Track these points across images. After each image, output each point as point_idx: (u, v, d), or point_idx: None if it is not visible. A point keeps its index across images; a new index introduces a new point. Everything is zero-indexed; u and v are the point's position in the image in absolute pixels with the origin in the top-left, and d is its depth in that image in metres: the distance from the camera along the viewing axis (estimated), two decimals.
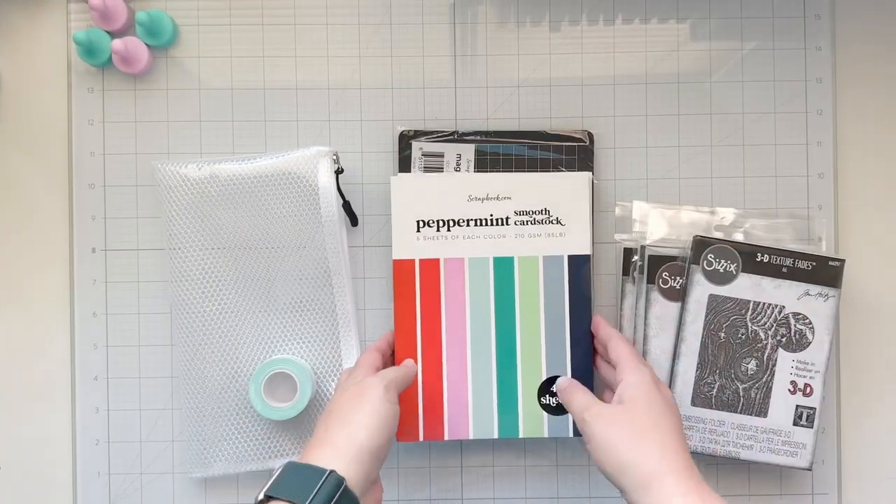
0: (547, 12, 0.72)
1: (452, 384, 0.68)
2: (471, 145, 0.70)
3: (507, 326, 0.68)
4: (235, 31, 0.72)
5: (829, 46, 0.72)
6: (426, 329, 0.68)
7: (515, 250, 0.69)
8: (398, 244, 0.69)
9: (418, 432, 0.68)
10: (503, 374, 0.68)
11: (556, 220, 0.68)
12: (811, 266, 0.67)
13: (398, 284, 0.68)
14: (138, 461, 0.71)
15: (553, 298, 0.68)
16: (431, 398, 0.68)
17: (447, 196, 0.69)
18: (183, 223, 0.68)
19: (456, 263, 0.68)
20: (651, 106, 0.72)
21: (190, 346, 0.69)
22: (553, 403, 0.68)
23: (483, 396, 0.68)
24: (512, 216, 0.69)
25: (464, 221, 0.69)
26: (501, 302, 0.68)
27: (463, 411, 0.68)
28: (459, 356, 0.68)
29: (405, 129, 0.70)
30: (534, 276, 0.68)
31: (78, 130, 0.72)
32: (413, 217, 0.68)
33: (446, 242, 0.68)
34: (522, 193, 0.69)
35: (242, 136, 0.71)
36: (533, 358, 0.68)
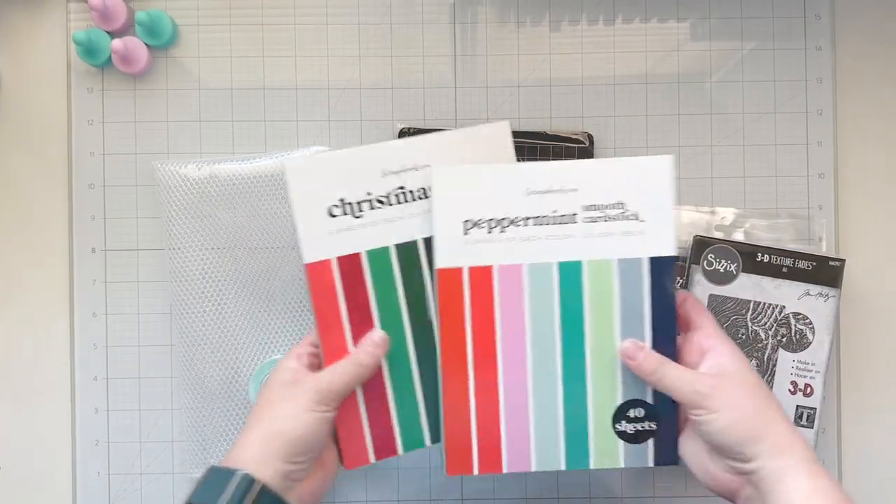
0: (547, 12, 0.72)
1: (511, 410, 0.59)
2: None
3: (576, 343, 0.59)
4: (235, 31, 0.72)
5: (829, 46, 0.72)
6: (478, 349, 0.59)
7: (585, 253, 0.58)
8: (442, 250, 0.58)
9: (472, 465, 0.59)
10: (571, 399, 0.59)
11: (634, 215, 0.58)
12: (811, 266, 0.67)
13: (443, 298, 0.58)
14: (138, 461, 0.71)
15: (630, 309, 0.58)
16: (486, 427, 0.59)
17: (501, 190, 0.58)
18: (183, 223, 0.68)
19: (512, 271, 0.58)
20: (651, 106, 0.72)
21: (190, 346, 0.69)
22: (631, 430, 0.59)
23: (547, 424, 0.59)
24: (580, 212, 0.58)
25: (521, 220, 0.58)
26: (568, 313, 0.58)
27: (524, 441, 0.59)
28: (518, 379, 0.59)
29: (405, 127, 0.70)
30: (607, 283, 0.58)
31: (77, 130, 0.71)
32: (460, 216, 0.58)
33: (500, 246, 0.58)
34: (591, 184, 0.58)
35: (242, 136, 0.71)
36: (607, 379, 0.59)
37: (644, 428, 0.59)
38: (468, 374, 0.59)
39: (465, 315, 0.59)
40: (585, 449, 0.59)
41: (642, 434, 0.59)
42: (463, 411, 0.59)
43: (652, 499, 0.71)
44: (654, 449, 0.59)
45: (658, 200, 0.58)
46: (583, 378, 0.59)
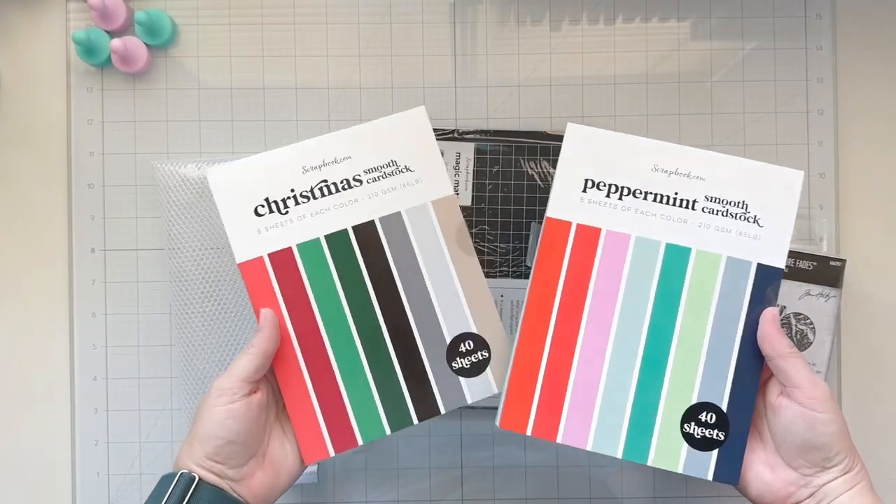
0: (547, 12, 0.72)
1: (582, 378, 0.57)
2: (470, 144, 0.70)
3: (664, 329, 0.57)
4: (235, 31, 0.72)
5: (829, 46, 0.72)
6: (565, 307, 0.57)
7: (696, 241, 0.57)
8: (557, 201, 0.58)
9: (527, 423, 0.56)
10: (645, 384, 0.56)
11: (754, 218, 0.57)
12: (812, 266, 0.67)
13: (545, 247, 0.57)
14: (137, 462, 0.71)
15: (727, 310, 0.57)
16: (553, 387, 0.57)
17: (628, 159, 0.58)
18: (182, 223, 0.68)
19: (619, 239, 0.57)
20: (651, 106, 0.72)
21: (189, 346, 0.69)
22: (698, 435, 0.56)
23: (615, 404, 0.56)
24: (701, 201, 0.57)
25: (640, 193, 0.57)
26: (664, 298, 0.57)
27: (587, 414, 0.56)
28: (597, 348, 0.57)
29: None
30: (710, 278, 0.57)
31: (77, 130, 0.71)
32: (581, 174, 0.58)
33: (614, 212, 0.57)
34: (720, 177, 0.57)
35: (242, 136, 0.71)
36: (686, 374, 0.56)
37: (712, 436, 0.56)
38: (548, 328, 0.57)
39: (562, 271, 0.57)
40: (647, 442, 0.56)
41: (709, 442, 0.56)
42: (533, 365, 0.57)
43: (652, 499, 0.71)
44: (717, 462, 0.56)
45: (781, 210, 0.57)
46: (663, 366, 0.57)
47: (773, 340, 0.56)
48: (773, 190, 0.57)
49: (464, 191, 0.70)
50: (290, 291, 0.58)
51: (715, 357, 0.57)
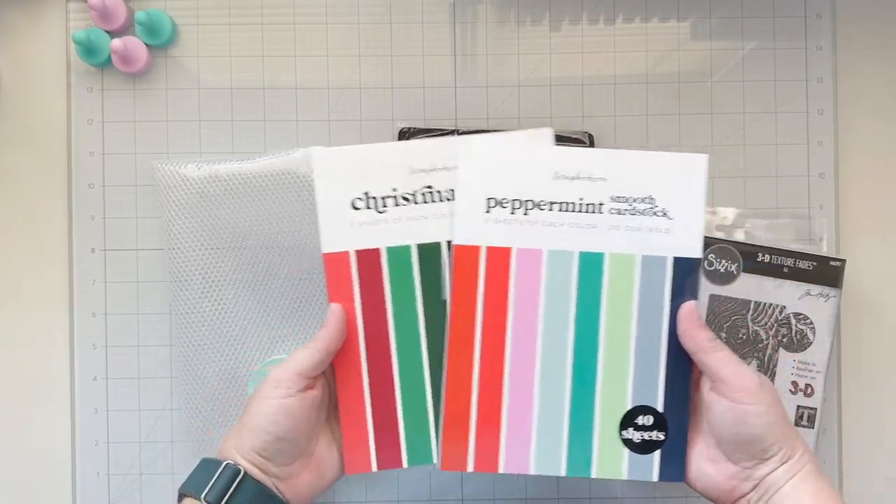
0: (547, 12, 0.72)
1: (514, 405, 0.56)
2: None
3: (590, 338, 0.56)
4: (235, 31, 0.71)
5: (830, 46, 0.72)
6: (487, 335, 0.56)
7: (608, 245, 0.56)
8: (461, 226, 0.56)
9: (467, 461, 0.56)
10: (579, 399, 0.56)
11: (663, 211, 0.56)
12: (812, 266, 0.67)
13: (458, 275, 0.56)
14: (137, 462, 0.71)
15: (649, 309, 0.56)
16: (487, 420, 0.56)
17: (528, 171, 0.56)
18: (182, 223, 0.68)
19: (532, 255, 0.56)
20: (651, 106, 0.72)
21: (189, 347, 0.69)
22: (637, 439, 0.56)
23: (552, 423, 0.56)
24: (607, 202, 0.56)
25: (546, 204, 0.56)
26: (584, 308, 0.56)
27: (525, 439, 0.56)
28: (526, 371, 0.56)
29: (405, 127, 0.70)
30: (628, 280, 0.56)
31: (77, 130, 0.71)
32: (483, 193, 0.56)
33: (522, 228, 0.56)
34: (622, 175, 0.56)
35: (242, 136, 0.71)
36: (617, 381, 0.56)
37: (652, 438, 0.56)
38: (473, 359, 0.56)
39: (478, 298, 0.56)
40: (589, 455, 0.56)
41: (649, 444, 0.56)
42: (464, 400, 0.56)
43: (652, 499, 0.71)
44: (661, 462, 0.56)
45: (689, 199, 0.56)
46: (593, 376, 0.56)
47: (692, 335, 0.55)
48: (677, 179, 0.56)
49: None
50: (369, 292, 0.57)
51: (644, 359, 0.56)
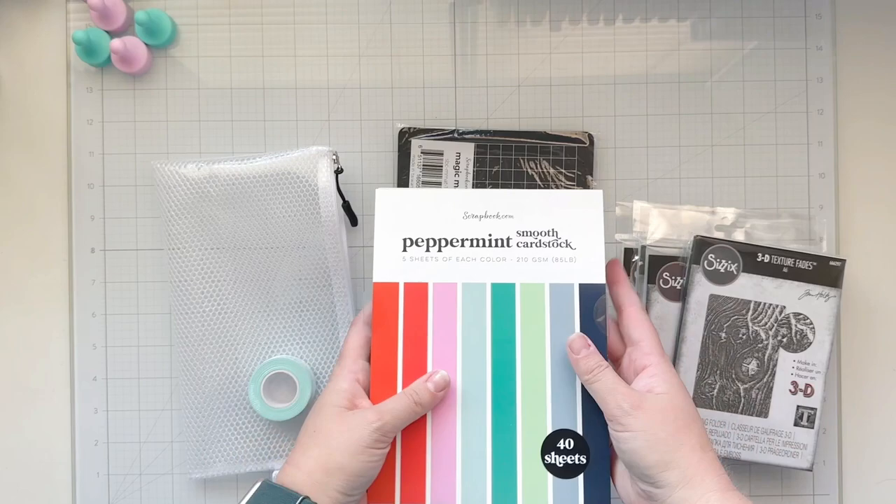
0: (547, 12, 0.72)
1: (438, 440, 0.58)
2: (470, 144, 0.70)
3: (506, 367, 0.58)
4: (235, 31, 0.71)
5: (829, 46, 0.72)
6: (408, 368, 0.58)
7: (517, 276, 0.59)
8: (380, 265, 0.60)
9: (394, 496, 0.57)
10: (500, 427, 0.58)
11: (566, 242, 0.60)
12: (812, 266, 0.67)
13: (378, 312, 0.59)
14: (137, 462, 0.71)
15: (560, 334, 0.58)
16: (412, 456, 0.58)
17: (439, 212, 0.61)
18: (182, 223, 0.68)
19: (447, 289, 0.59)
20: (651, 106, 0.72)
21: (189, 347, 0.69)
22: (560, 463, 0.57)
23: (475, 457, 0.57)
24: (514, 237, 0.60)
25: (458, 241, 0.60)
26: (499, 337, 0.59)
27: (450, 476, 0.57)
28: (447, 405, 0.58)
29: (405, 127, 0.70)
30: (539, 307, 0.59)
31: (77, 130, 0.71)
32: (399, 234, 0.60)
33: (437, 265, 0.60)
34: (526, 212, 0.60)
35: (242, 136, 0.71)
36: (536, 407, 0.58)
37: (574, 461, 0.57)
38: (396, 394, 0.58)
39: (398, 333, 0.59)
40: (514, 487, 0.57)
41: (572, 468, 0.57)
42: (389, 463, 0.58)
43: None
44: (584, 486, 0.57)
45: (589, 231, 0.60)
46: (513, 404, 0.58)
47: (575, 366, 0.57)
48: (577, 212, 0.60)
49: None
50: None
51: (560, 383, 0.58)
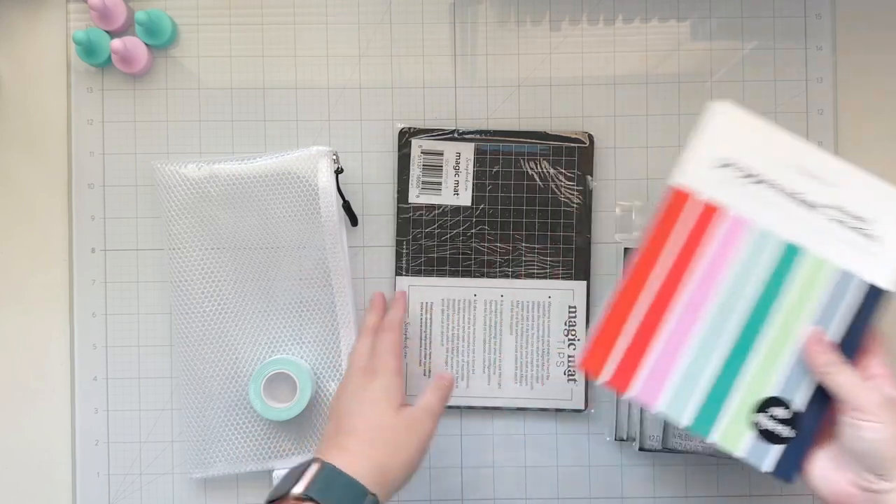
0: (547, 12, 0.72)
1: (668, 343, 0.58)
2: (471, 144, 0.70)
3: (760, 318, 0.57)
4: (235, 31, 0.71)
5: (829, 46, 0.71)
6: (670, 272, 0.58)
7: (813, 245, 0.57)
8: (688, 168, 0.59)
9: (602, 370, 0.58)
10: (728, 364, 0.57)
11: (878, 238, 0.57)
12: None
13: (667, 211, 0.59)
14: (138, 461, 0.71)
15: (827, 318, 0.57)
16: (638, 344, 0.58)
17: (771, 149, 0.58)
18: (182, 223, 0.68)
19: (741, 223, 0.58)
20: (651, 106, 0.71)
21: (189, 347, 0.69)
22: (764, 427, 0.57)
23: (694, 375, 0.57)
24: (829, 207, 0.58)
25: (775, 185, 0.58)
26: (769, 288, 0.57)
27: (664, 377, 0.57)
28: (690, 318, 0.58)
29: (405, 127, 0.70)
30: (819, 283, 0.57)
31: (77, 130, 0.71)
32: (722, 151, 0.59)
33: (745, 193, 0.58)
34: (855, 190, 0.58)
35: (242, 136, 0.71)
36: (769, 367, 0.57)
37: (778, 431, 0.57)
38: (647, 287, 0.58)
39: (676, 237, 0.58)
40: (715, 419, 0.57)
41: (774, 437, 0.57)
42: (623, 316, 0.58)
43: (652, 499, 0.71)
44: (778, 457, 0.56)
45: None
46: (747, 352, 0.57)
47: (811, 360, 0.56)
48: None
49: (464, 191, 0.70)
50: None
51: (801, 361, 0.57)
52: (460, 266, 0.70)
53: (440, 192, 0.70)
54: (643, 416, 0.69)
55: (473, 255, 0.70)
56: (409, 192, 0.70)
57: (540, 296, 0.70)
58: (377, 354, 0.63)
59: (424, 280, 0.70)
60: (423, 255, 0.70)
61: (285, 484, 0.54)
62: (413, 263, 0.70)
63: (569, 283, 0.70)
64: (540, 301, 0.70)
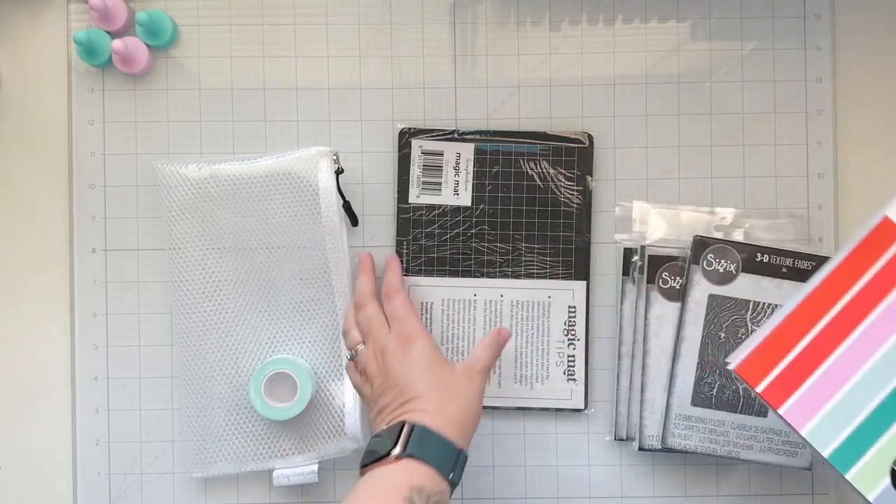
0: (547, 12, 0.71)
1: (834, 370, 0.56)
2: (470, 144, 0.70)
3: None
4: (235, 31, 0.71)
5: (829, 46, 0.71)
6: (857, 299, 0.57)
7: None
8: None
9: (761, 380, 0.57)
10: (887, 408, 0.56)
11: None
12: (811, 266, 0.66)
13: (870, 239, 0.57)
14: (138, 461, 0.70)
15: None
16: (804, 363, 0.57)
17: None
18: (183, 223, 0.68)
19: None
20: (651, 106, 0.71)
21: (190, 346, 0.68)
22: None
23: (850, 409, 0.56)
24: None
25: None
26: None
27: (820, 403, 0.56)
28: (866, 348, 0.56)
29: (405, 127, 0.70)
30: None
31: (78, 130, 0.71)
32: None
33: None
34: None
35: (242, 136, 0.71)
36: None
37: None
38: (830, 309, 0.57)
39: (873, 268, 0.57)
40: (857, 457, 0.56)
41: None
42: (798, 333, 0.57)
43: (652, 499, 0.70)
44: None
45: None
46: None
47: None
48: None
49: (464, 191, 0.70)
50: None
51: None
52: (460, 266, 0.70)
53: (440, 193, 0.70)
54: (643, 415, 0.68)
55: (473, 255, 0.70)
56: (409, 192, 0.70)
57: (540, 296, 0.70)
58: (400, 320, 0.63)
59: (424, 280, 0.70)
60: (424, 254, 0.70)
61: (381, 445, 0.56)
62: (413, 263, 0.70)
63: (569, 283, 0.70)
64: (540, 301, 0.70)
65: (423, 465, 0.55)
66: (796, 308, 0.58)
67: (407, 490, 0.53)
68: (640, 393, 0.68)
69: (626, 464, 0.70)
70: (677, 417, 0.67)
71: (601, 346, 0.71)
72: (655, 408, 0.68)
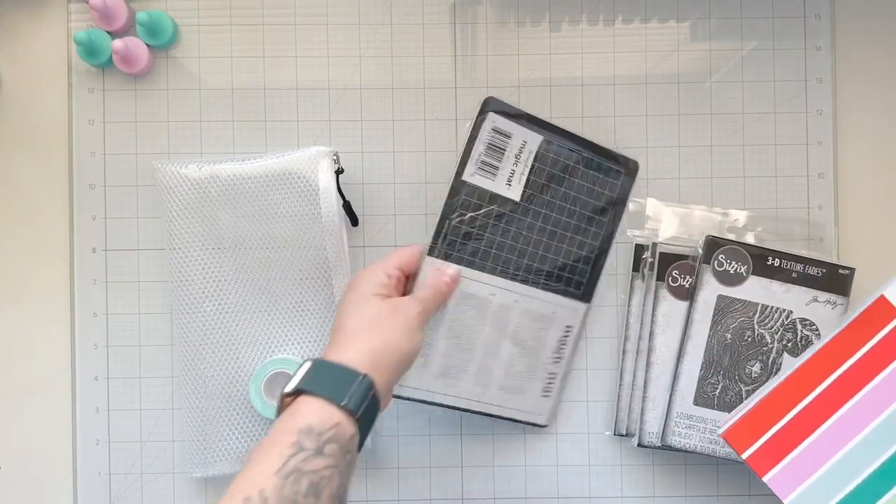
0: (547, 12, 0.69)
1: (819, 445, 0.57)
2: (538, 136, 0.65)
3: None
4: (235, 31, 0.69)
5: (829, 46, 0.69)
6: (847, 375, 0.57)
7: None
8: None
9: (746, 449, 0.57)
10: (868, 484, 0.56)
11: None
12: (821, 273, 0.64)
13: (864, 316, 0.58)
14: (138, 461, 0.68)
15: None
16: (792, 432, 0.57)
17: None
18: (183, 223, 0.66)
19: None
20: (651, 106, 0.69)
21: (190, 346, 0.66)
22: None
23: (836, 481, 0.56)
24: None
25: None
26: None
27: (803, 475, 0.56)
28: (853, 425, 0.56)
29: (491, 96, 0.64)
30: None
31: (78, 130, 0.69)
32: None
33: None
34: None
35: (243, 137, 0.69)
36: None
37: None
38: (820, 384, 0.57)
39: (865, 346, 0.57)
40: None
41: None
42: (786, 405, 0.57)
43: (652, 498, 0.68)
44: None
45: None
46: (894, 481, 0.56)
47: None
48: None
49: (516, 183, 0.65)
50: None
51: None
52: (489, 261, 0.65)
53: (494, 178, 0.64)
54: (643, 412, 0.66)
55: (504, 252, 0.66)
56: (465, 168, 0.64)
57: (546, 309, 0.67)
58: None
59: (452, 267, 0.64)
60: (459, 240, 0.64)
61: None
62: (445, 247, 0.64)
63: (574, 302, 0.67)
64: (545, 314, 0.67)
65: (313, 399, 0.50)
66: (787, 379, 0.58)
67: (294, 434, 0.48)
68: (642, 389, 0.66)
69: (626, 463, 0.69)
70: (678, 416, 0.65)
71: (602, 345, 0.69)
72: (657, 405, 0.66)
